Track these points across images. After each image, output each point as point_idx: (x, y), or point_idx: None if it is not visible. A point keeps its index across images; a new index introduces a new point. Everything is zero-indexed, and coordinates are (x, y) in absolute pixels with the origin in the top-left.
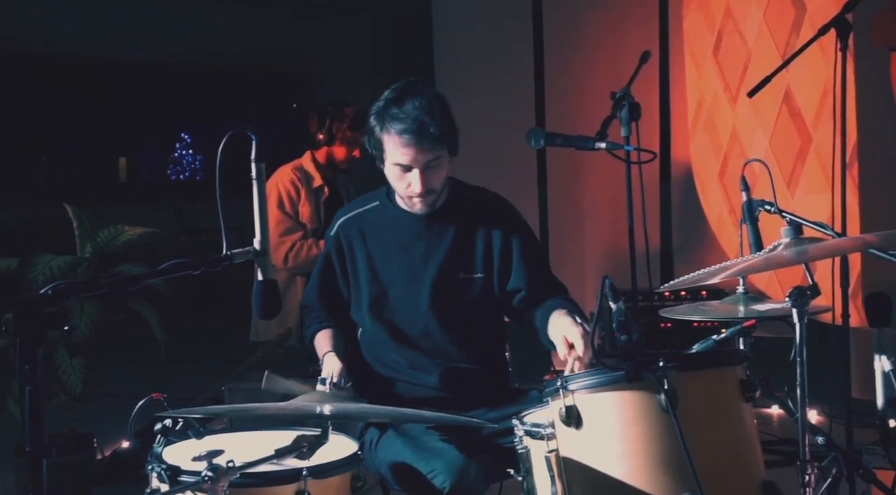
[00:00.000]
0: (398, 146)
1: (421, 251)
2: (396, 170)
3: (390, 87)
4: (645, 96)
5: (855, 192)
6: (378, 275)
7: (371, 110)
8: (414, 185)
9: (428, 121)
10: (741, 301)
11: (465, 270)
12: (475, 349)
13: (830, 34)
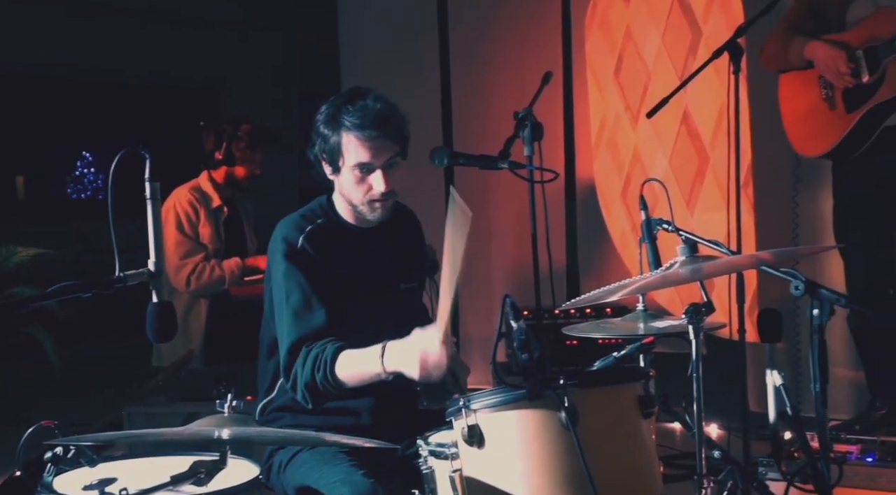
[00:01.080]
0: (362, 142)
1: (369, 265)
2: (356, 173)
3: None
4: (549, 116)
5: (751, 211)
6: (330, 296)
7: (318, 120)
8: (377, 185)
9: (389, 111)
10: (641, 318)
11: (405, 280)
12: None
13: (725, 57)
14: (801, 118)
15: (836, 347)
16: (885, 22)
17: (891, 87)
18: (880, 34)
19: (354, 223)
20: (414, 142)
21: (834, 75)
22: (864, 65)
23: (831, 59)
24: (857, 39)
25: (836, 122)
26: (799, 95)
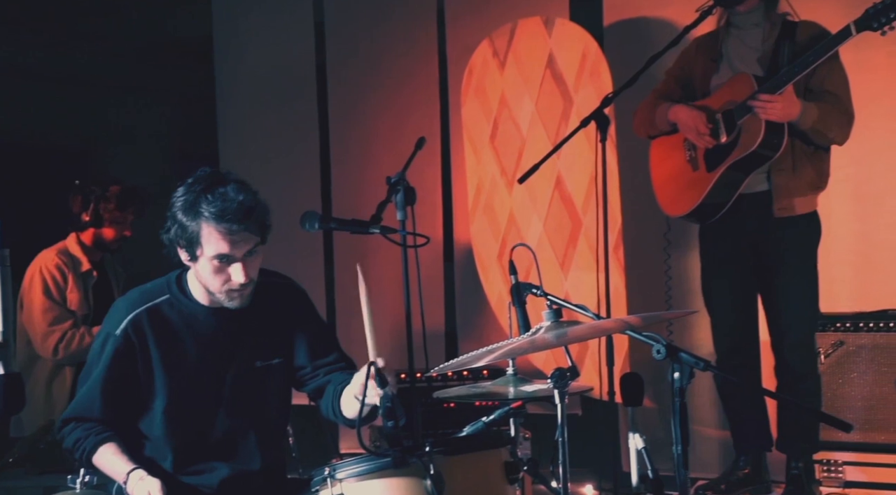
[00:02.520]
0: (223, 235)
1: (220, 345)
2: (214, 263)
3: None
4: (427, 180)
5: (622, 273)
6: (175, 376)
7: (174, 206)
8: (237, 277)
9: (251, 203)
10: (511, 382)
11: (262, 357)
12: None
13: (595, 125)
14: (668, 180)
15: (706, 406)
16: (740, 86)
17: (745, 144)
18: (736, 98)
19: (207, 303)
20: (293, 205)
21: (695, 135)
22: (723, 126)
23: (692, 120)
24: (716, 103)
25: (699, 182)
26: (666, 159)
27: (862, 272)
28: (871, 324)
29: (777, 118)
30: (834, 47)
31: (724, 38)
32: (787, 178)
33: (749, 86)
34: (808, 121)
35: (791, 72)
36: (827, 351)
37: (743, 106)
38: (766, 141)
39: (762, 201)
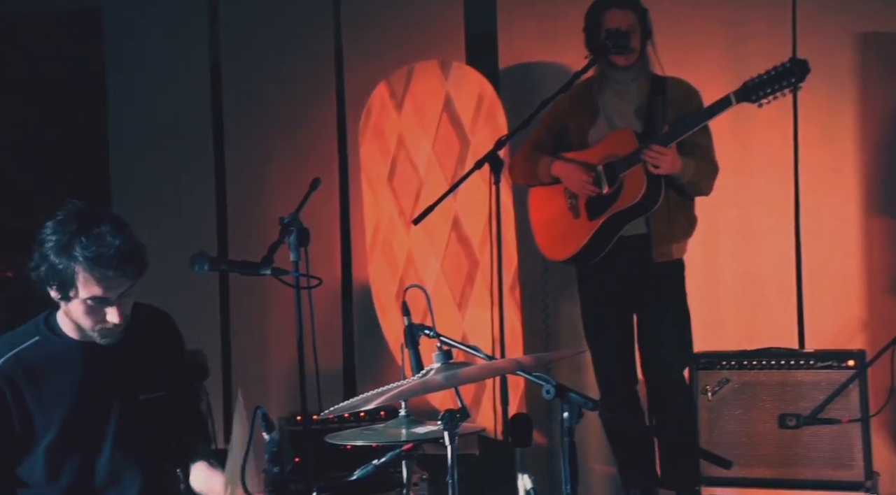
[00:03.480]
0: (99, 281)
1: (99, 381)
2: (88, 303)
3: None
4: (326, 220)
5: (517, 313)
6: (54, 417)
7: (45, 245)
8: (111, 318)
9: (128, 247)
10: (403, 424)
11: (145, 390)
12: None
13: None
14: (548, 225)
15: (595, 442)
16: (621, 141)
17: (628, 196)
18: (616, 151)
19: (78, 339)
20: (188, 246)
21: (578, 186)
22: (604, 178)
23: (575, 172)
24: (596, 155)
25: (580, 230)
26: (546, 204)
27: (747, 311)
28: (754, 361)
29: (665, 170)
30: (715, 114)
31: (601, 91)
32: (664, 226)
33: (630, 141)
34: (687, 174)
35: (676, 131)
36: (713, 388)
37: (626, 159)
38: (648, 193)
39: (640, 244)
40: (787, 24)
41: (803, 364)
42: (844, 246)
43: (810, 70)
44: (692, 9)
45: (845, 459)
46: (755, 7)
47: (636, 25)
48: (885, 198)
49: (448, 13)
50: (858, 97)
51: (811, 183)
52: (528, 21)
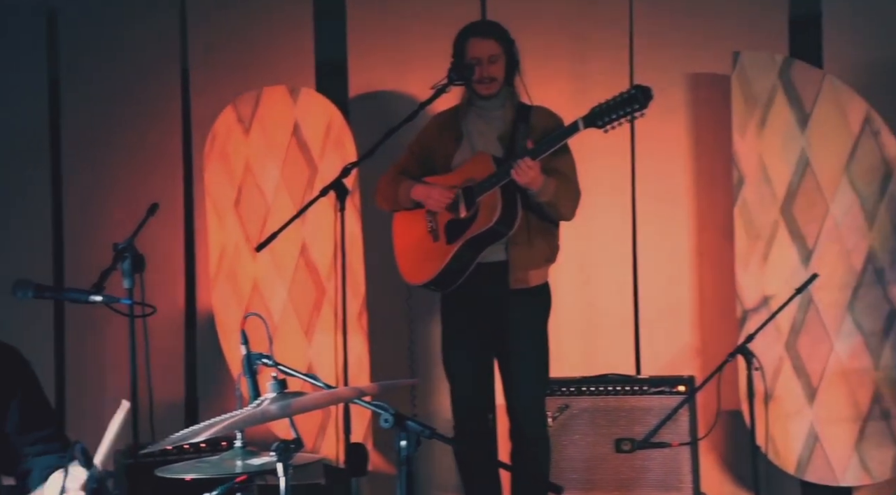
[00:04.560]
0: None
1: None
2: None
3: None
4: (171, 246)
5: (365, 341)
6: None
7: None
8: None
9: None
10: (238, 455)
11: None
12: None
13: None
14: (409, 249)
15: (445, 471)
16: (480, 165)
17: (481, 222)
18: (476, 176)
19: None
20: (21, 273)
21: (437, 204)
22: (463, 201)
23: (435, 192)
24: (457, 179)
25: (438, 253)
26: (409, 229)
27: (587, 338)
28: (592, 387)
29: (528, 181)
30: (565, 139)
31: (466, 116)
32: (523, 252)
33: (488, 165)
34: (547, 193)
35: (541, 147)
36: (554, 414)
37: (483, 183)
38: (502, 218)
39: (499, 271)
40: (625, 64)
41: (637, 390)
42: (678, 275)
43: (653, 97)
44: (538, 45)
45: (675, 481)
46: (596, 46)
47: (499, 56)
48: (715, 229)
49: (298, 39)
50: (690, 132)
51: (647, 214)
52: (378, 50)
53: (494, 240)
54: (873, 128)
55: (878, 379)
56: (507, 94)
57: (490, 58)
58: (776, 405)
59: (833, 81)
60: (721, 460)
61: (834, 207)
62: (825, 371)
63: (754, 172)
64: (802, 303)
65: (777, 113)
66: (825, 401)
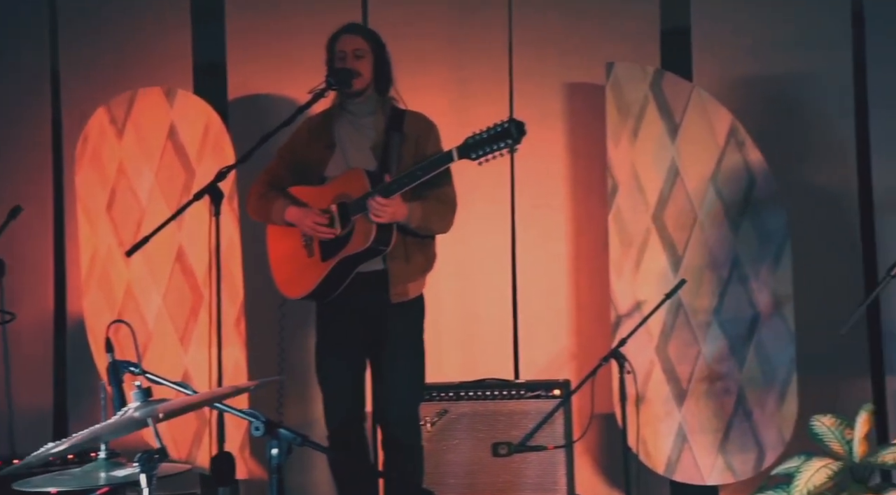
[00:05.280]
0: None
1: None
2: None
3: None
4: (40, 250)
5: (243, 347)
6: None
7: None
8: None
9: None
10: (102, 467)
11: None
12: None
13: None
14: (284, 261)
15: (323, 481)
16: (354, 181)
17: (358, 241)
18: (350, 191)
19: None
20: None
21: (311, 230)
22: (337, 219)
23: (309, 217)
24: (331, 193)
25: (314, 269)
26: (283, 241)
27: (466, 344)
28: (470, 392)
29: (387, 220)
30: (439, 168)
31: (338, 123)
32: (401, 266)
33: (362, 182)
34: (414, 220)
35: (400, 183)
36: (432, 419)
37: (357, 203)
38: (377, 238)
39: (376, 281)
40: (505, 72)
41: (515, 394)
42: (556, 281)
43: (526, 133)
44: (418, 52)
45: (550, 484)
46: (476, 54)
47: (366, 52)
48: (591, 236)
49: (175, 40)
50: (567, 140)
51: (526, 221)
52: (258, 52)
53: (371, 258)
54: (738, 139)
55: (741, 381)
56: (379, 101)
57: (355, 51)
58: (647, 407)
59: (701, 93)
60: (595, 462)
61: (702, 215)
62: (693, 374)
63: (628, 181)
64: (672, 308)
65: (649, 123)
66: (693, 403)
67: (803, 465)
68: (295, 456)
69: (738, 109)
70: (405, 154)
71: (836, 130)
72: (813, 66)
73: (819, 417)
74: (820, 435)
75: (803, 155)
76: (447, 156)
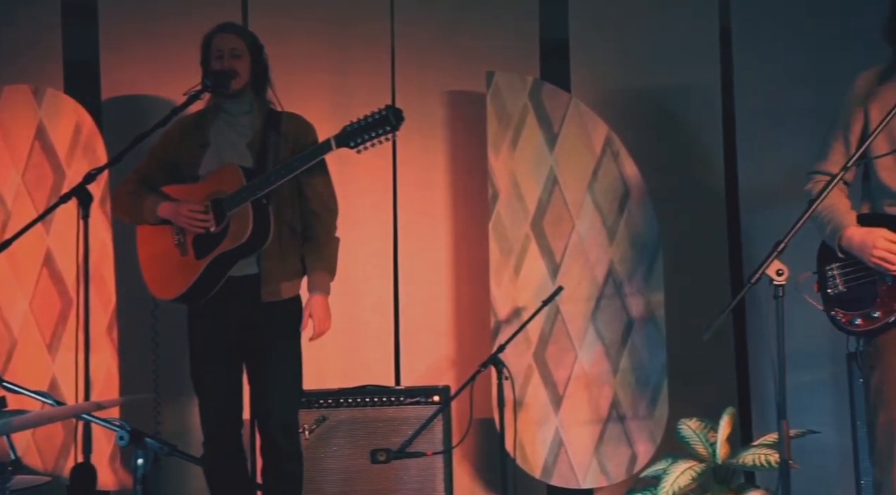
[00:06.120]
0: None
1: None
2: None
3: None
4: None
5: (115, 355)
6: None
7: None
8: None
9: None
10: None
11: None
12: None
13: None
14: (155, 262)
15: (200, 489)
16: (229, 177)
17: (232, 238)
18: (225, 187)
19: None
20: None
21: (187, 221)
22: (213, 215)
23: (184, 208)
24: (205, 190)
25: (187, 268)
26: (154, 241)
27: (348, 350)
28: (350, 399)
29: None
30: (317, 157)
31: (212, 122)
32: (275, 266)
33: (238, 177)
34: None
35: (278, 174)
36: (311, 426)
37: (232, 198)
38: (254, 233)
39: (251, 284)
40: (387, 78)
41: (394, 401)
42: (437, 288)
43: (404, 119)
44: (300, 56)
45: (429, 490)
46: (358, 60)
47: (243, 51)
48: (472, 243)
49: (45, 38)
50: (449, 148)
51: (408, 228)
52: (132, 53)
53: (247, 255)
54: (613, 149)
55: (615, 385)
56: (256, 101)
57: (232, 50)
58: (525, 412)
59: (578, 105)
60: (473, 467)
61: (579, 224)
62: (570, 378)
63: (507, 189)
64: (550, 314)
65: (528, 132)
66: (570, 408)
67: (669, 467)
68: (171, 465)
69: (614, 120)
70: (282, 152)
71: (705, 141)
72: (684, 80)
73: (685, 420)
74: (686, 438)
75: (675, 165)
76: (325, 145)
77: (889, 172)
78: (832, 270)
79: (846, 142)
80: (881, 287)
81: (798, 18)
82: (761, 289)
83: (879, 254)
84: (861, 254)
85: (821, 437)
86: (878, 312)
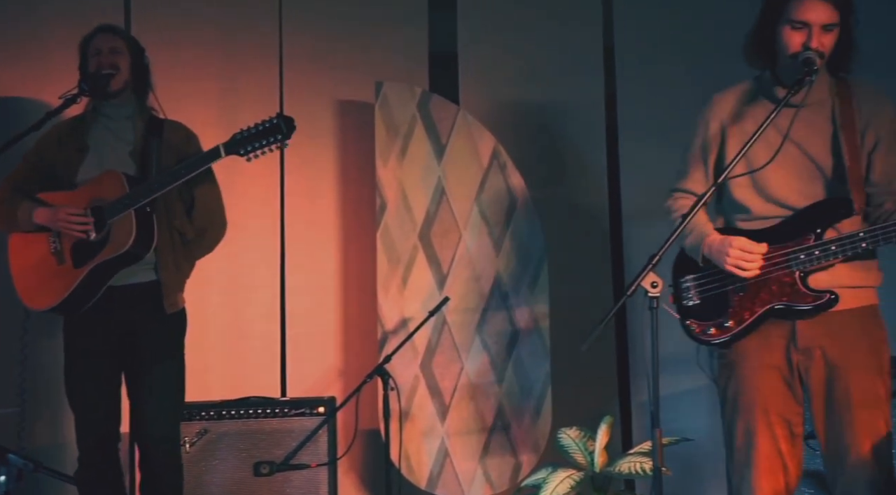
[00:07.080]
0: None
1: None
2: None
3: None
4: None
5: None
6: None
7: None
8: None
9: None
10: None
11: None
12: None
13: None
14: (29, 271)
15: None
16: (110, 184)
17: (114, 246)
18: (106, 195)
19: None
20: None
21: (64, 224)
22: (92, 223)
23: (62, 212)
24: (84, 197)
25: (64, 277)
26: (28, 248)
27: (232, 361)
28: (233, 411)
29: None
30: (205, 165)
31: (91, 126)
32: (172, 276)
33: (119, 184)
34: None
35: (162, 181)
36: (192, 439)
37: (114, 206)
38: (137, 241)
39: (138, 293)
40: (275, 86)
41: (279, 412)
42: (324, 298)
43: (296, 127)
44: (187, 60)
45: None
46: (246, 65)
47: (122, 49)
48: (360, 253)
49: None
50: (338, 157)
51: (296, 238)
52: (7, 54)
53: (129, 264)
54: (500, 162)
55: (500, 394)
56: (137, 106)
57: (111, 48)
58: (412, 423)
59: (466, 116)
60: (359, 478)
61: (466, 235)
62: (456, 389)
63: (396, 199)
64: (437, 324)
65: (416, 143)
66: (455, 418)
67: (549, 476)
68: (42, 482)
69: (501, 132)
70: (165, 160)
71: (589, 154)
72: (569, 95)
73: (565, 430)
74: (566, 447)
75: (560, 177)
76: (214, 152)
77: (742, 190)
78: (687, 282)
79: (705, 162)
80: (734, 298)
81: (679, 35)
82: (640, 299)
83: (733, 262)
84: (718, 258)
85: (696, 443)
86: (730, 322)
